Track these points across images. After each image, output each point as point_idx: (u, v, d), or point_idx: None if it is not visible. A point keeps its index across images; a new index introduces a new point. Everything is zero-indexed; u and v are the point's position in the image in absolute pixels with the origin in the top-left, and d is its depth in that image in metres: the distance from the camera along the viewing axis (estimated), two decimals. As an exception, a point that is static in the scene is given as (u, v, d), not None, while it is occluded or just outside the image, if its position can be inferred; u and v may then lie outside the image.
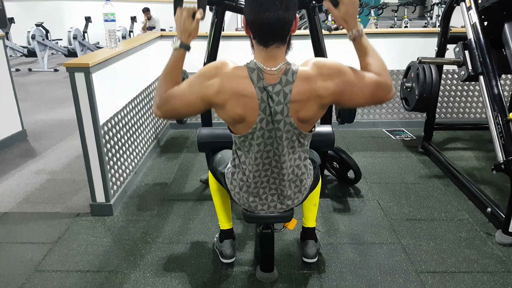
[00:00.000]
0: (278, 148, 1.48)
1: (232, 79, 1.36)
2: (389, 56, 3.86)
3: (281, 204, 1.63)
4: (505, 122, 2.31)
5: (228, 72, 1.37)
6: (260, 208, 1.64)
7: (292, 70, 1.36)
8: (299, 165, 1.56)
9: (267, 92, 1.37)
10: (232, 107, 1.38)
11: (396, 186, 2.88)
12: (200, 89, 1.38)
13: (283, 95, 1.36)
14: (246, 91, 1.36)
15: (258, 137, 1.45)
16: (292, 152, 1.52)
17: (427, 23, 10.41)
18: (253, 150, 1.49)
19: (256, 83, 1.36)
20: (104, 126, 2.44)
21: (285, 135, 1.45)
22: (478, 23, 2.63)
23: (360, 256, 2.12)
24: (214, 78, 1.37)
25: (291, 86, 1.36)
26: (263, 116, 1.40)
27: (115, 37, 2.63)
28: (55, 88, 6.03)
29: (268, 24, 1.30)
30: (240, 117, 1.40)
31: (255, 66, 1.37)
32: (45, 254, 2.17)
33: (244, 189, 1.60)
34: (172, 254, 2.16)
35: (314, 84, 1.36)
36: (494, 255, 2.12)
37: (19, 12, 9.64)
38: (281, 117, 1.40)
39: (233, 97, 1.37)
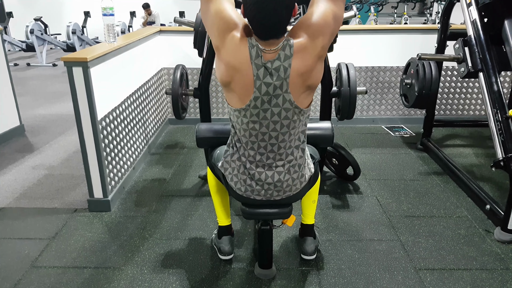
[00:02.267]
0: (276, 127, 1.47)
1: (233, 49, 1.38)
2: (389, 53, 3.87)
3: (278, 192, 1.61)
4: (504, 119, 2.30)
5: (234, 37, 1.38)
6: (257, 193, 1.61)
7: (288, 45, 1.37)
8: (298, 146, 1.55)
9: (266, 68, 1.37)
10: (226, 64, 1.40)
11: (395, 182, 2.88)
12: (227, 11, 1.40)
13: (283, 69, 1.38)
14: (241, 65, 1.38)
15: (253, 115, 1.45)
16: (292, 133, 1.51)
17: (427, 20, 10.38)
18: (246, 127, 1.49)
19: (253, 59, 1.37)
20: (102, 121, 2.42)
21: (284, 113, 1.45)
22: (478, 20, 2.61)
23: (359, 253, 2.12)
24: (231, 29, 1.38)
25: (290, 61, 1.37)
26: (258, 94, 1.41)
27: (113, 32, 2.61)
28: (53, 82, 6.01)
29: (268, 27, 1.33)
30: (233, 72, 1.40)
31: (255, 43, 1.37)
32: (42, 250, 2.16)
33: (242, 170, 1.58)
34: (170, 250, 2.15)
35: (310, 50, 1.38)
36: (493, 252, 2.12)
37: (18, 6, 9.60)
38: (280, 92, 1.41)
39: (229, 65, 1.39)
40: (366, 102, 4.06)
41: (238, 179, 1.61)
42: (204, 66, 2.55)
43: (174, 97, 2.56)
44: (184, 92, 2.69)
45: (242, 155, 1.56)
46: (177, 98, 2.56)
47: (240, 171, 1.59)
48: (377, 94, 4.02)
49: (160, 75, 3.79)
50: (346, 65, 2.51)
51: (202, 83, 2.61)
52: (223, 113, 4.11)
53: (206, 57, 2.53)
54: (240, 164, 1.58)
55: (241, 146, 1.55)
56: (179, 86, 2.59)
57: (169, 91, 2.60)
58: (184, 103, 2.75)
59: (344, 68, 2.50)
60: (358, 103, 3.98)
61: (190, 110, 4.04)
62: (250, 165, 1.56)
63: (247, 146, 1.54)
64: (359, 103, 4.01)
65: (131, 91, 2.96)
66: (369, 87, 3.98)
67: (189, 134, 3.86)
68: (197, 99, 2.71)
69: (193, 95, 2.65)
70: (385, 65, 3.91)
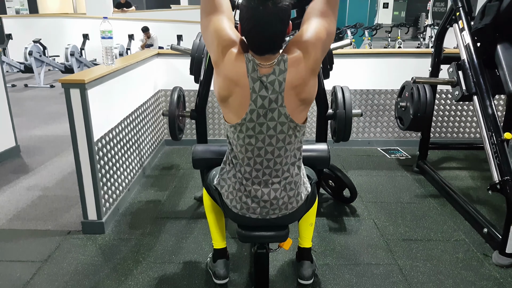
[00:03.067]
0: (272, 140, 1.48)
1: (231, 63, 1.41)
2: (383, 76, 3.92)
3: (274, 210, 1.58)
4: (499, 142, 2.31)
5: (232, 52, 1.41)
6: (252, 211, 1.58)
7: (283, 60, 1.40)
8: (294, 163, 1.55)
9: (262, 82, 1.40)
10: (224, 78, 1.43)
11: (392, 205, 2.86)
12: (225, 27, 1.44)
13: (278, 83, 1.40)
14: (239, 78, 1.40)
15: (249, 129, 1.46)
16: (288, 149, 1.51)
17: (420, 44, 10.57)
18: (242, 142, 1.49)
19: (250, 73, 1.40)
20: (98, 143, 2.42)
21: (279, 127, 1.45)
22: (471, 44, 2.66)
23: (357, 278, 2.09)
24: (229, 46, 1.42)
25: (284, 75, 1.40)
26: (254, 107, 1.42)
27: (111, 54, 2.64)
28: (50, 103, 6.02)
29: (263, 41, 1.37)
30: (232, 86, 1.42)
31: (251, 58, 1.40)
32: (34, 273, 2.12)
33: (237, 186, 1.57)
34: (164, 274, 2.11)
35: (303, 64, 1.41)
36: (492, 276, 2.09)
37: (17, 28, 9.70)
38: (276, 106, 1.42)
39: (227, 78, 1.42)
40: (361, 124, 4.08)
41: (233, 196, 1.60)
42: (201, 88, 2.57)
43: (171, 119, 2.57)
44: (181, 113, 2.70)
45: (238, 171, 1.56)
46: (174, 119, 2.57)
47: (236, 187, 1.58)
48: (373, 117, 4.05)
49: (158, 97, 3.81)
50: (341, 88, 2.54)
51: (199, 105, 2.62)
52: (219, 134, 4.12)
53: (203, 79, 2.55)
54: (236, 181, 1.57)
55: (238, 163, 1.55)
56: (176, 108, 2.60)
57: (166, 113, 2.60)
58: (180, 125, 2.76)
59: (339, 91, 2.52)
60: (353, 125, 4.00)
61: (186, 131, 4.04)
62: (246, 181, 1.55)
63: (243, 162, 1.53)
64: (354, 125, 4.03)
65: (128, 112, 2.97)
66: (364, 109, 4.01)
67: (185, 155, 3.86)
68: (194, 121, 2.72)
69: (190, 116, 2.66)
70: (380, 88, 3.95)
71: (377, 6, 13.02)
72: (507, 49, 2.56)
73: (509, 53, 2.54)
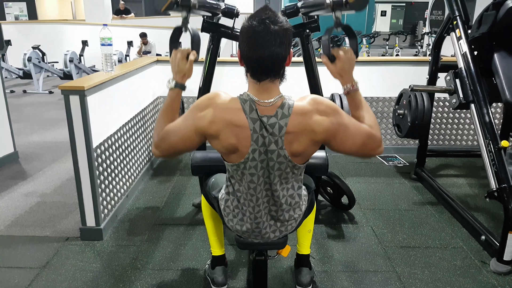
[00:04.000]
0: (270, 177, 1.47)
1: (224, 110, 1.37)
2: (381, 84, 3.94)
3: (274, 233, 1.61)
4: (497, 149, 2.33)
5: (220, 102, 1.38)
6: (254, 237, 1.61)
7: (288, 104, 1.37)
8: (293, 195, 1.55)
9: (262, 122, 1.36)
10: (225, 137, 1.38)
11: (390, 212, 2.87)
12: (194, 121, 1.39)
13: (278, 127, 1.37)
14: (238, 122, 1.36)
15: (251, 167, 1.44)
16: (285, 183, 1.50)
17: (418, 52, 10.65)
18: (246, 179, 1.48)
19: (248, 114, 1.36)
20: (97, 149, 2.42)
21: (277, 165, 1.44)
22: (468, 53, 2.69)
23: (355, 285, 2.09)
24: (206, 109, 1.38)
25: (286, 120, 1.36)
26: (256, 147, 1.40)
27: (111, 61, 2.65)
28: (49, 110, 6.02)
29: (262, 61, 1.32)
30: (233, 147, 1.40)
31: (247, 98, 1.37)
32: (32, 279, 2.11)
33: (240, 216, 1.58)
34: (163, 281, 2.11)
35: (309, 119, 1.36)
36: (489, 284, 2.10)
37: (16, 34, 9.72)
38: (275, 147, 1.40)
39: (226, 127, 1.37)
40: (360, 132, 4.09)
41: (233, 224, 1.62)
42: (200, 95, 2.58)
43: (170, 126, 2.57)
44: (180, 120, 2.70)
45: (240, 203, 1.56)
46: (172, 126, 2.57)
47: (238, 217, 1.59)
48: (371, 124, 4.06)
49: (156, 104, 3.82)
50: (339, 96, 2.55)
51: (198, 112, 2.62)
52: (218, 141, 4.12)
53: (202, 86, 2.56)
54: (238, 211, 1.58)
55: (241, 196, 1.54)
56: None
57: (165, 120, 2.61)
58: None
59: (337, 99, 2.54)
60: (352, 133, 4.00)
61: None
62: (249, 215, 1.56)
63: (246, 197, 1.52)
64: (353, 132, 4.04)
65: (127, 119, 2.98)
66: (362, 117, 4.02)
67: (183, 161, 3.86)
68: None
69: (189, 123, 2.66)
70: (378, 95, 3.97)
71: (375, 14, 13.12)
72: (504, 58, 2.58)
73: (506, 61, 2.57)
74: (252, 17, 1.33)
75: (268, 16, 1.31)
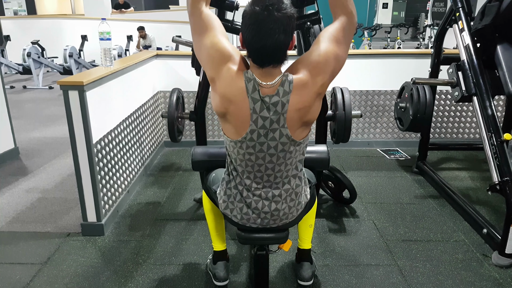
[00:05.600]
0: (272, 160, 1.46)
1: (228, 81, 1.37)
2: (383, 77, 3.92)
3: (275, 220, 1.59)
4: (499, 142, 2.31)
5: (230, 69, 1.38)
6: (253, 221, 1.59)
7: (288, 81, 1.36)
8: (295, 175, 1.54)
9: (264, 102, 1.36)
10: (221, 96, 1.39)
11: (392, 206, 2.86)
12: (221, 40, 1.40)
13: (281, 105, 1.37)
14: (237, 98, 1.37)
15: (249, 147, 1.44)
16: (289, 163, 1.50)
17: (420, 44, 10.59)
18: (242, 157, 1.48)
19: (250, 93, 1.36)
20: (97, 144, 2.41)
21: (281, 146, 1.44)
22: (471, 45, 2.66)
23: (356, 279, 2.08)
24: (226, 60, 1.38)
25: (288, 96, 1.36)
26: (254, 127, 1.40)
27: (110, 56, 2.64)
28: (49, 105, 6.01)
29: (265, 49, 1.31)
30: (228, 102, 1.39)
31: (252, 77, 1.36)
32: (33, 275, 2.12)
33: (238, 197, 1.57)
34: (164, 276, 2.11)
35: (310, 87, 1.38)
36: (491, 277, 2.09)
37: (15, 29, 9.68)
38: (277, 126, 1.40)
39: (224, 97, 1.38)
40: (361, 126, 4.08)
41: (234, 207, 1.60)
42: (200, 89, 2.57)
43: (170, 120, 2.57)
44: (180, 115, 2.70)
45: (238, 183, 1.55)
46: (173, 121, 2.57)
47: (237, 199, 1.57)
48: (372, 118, 4.05)
49: (156, 98, 3.81)
50: (341, 89, 2.54)
51: (198, 107, 2.62)
52: (218, 136, 4.12)
53: (202, 80, 2.55)
54: (237, 192, 1.57)
55: (237, 175, 1.54)
56: (175, 110, 2.59)
57: (165, 114, 2.60)
58: (180, 126, 2.76)
59: (339, 92, 2.52)
60: (353, 126, 4.00)
61: (185, 132, 4.04)
62: (247, 193, 1.54)
63: (243, 175, 1.52)
64: (354, 126, 4.03)
65: (127, 114, 2.96)
66: (364, 110, 4.01)
67: (184, 157, 3.85)
68: (193, 122, 2.72)
69: (189, 118, 2.65)
70: (380, 89, 3.95)
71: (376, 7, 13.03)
72: (507, 50, 2.56)
73: (509, 53, 2.55)
74: (255, 1, 1.30)
75: (272, 3, 1.28)
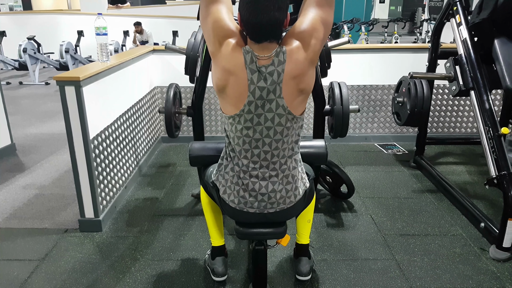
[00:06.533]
0: (270, 134, 1.48)
1: (228, 55, 1.42)
2: (380, 71, 3.91)
3: (272, 204, 1.57)
4: (496, 136, 2.32)
5: (230, 43, 1.43)
6: (250, 205, 1.58)
7: (282, 52, 1.41)
8: (291, 156, 1.55)
9: (260, 72, 1.41)
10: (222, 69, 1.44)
11: (389, 200, 2.87)
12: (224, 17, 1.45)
13: (276, 74, 1.41)
14: (236, 69, 1.41)
15: (247, 121, 1.46)
16: (286, 141, 1.51)
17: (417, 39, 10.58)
18: (240, 134, 1.50)
19: (248, 64, 1.41)
20: (94, 140, 2.40)
21: (277, 119, 1.46)
22: (468, 39, 2.66)
23: (354, 273, 2.09)
24: (227, 36, 1.44)
25: (283, 66, 1.41)
26: (252, 98, 1.43)
27: (106, 51, 2.62)
28: (45, 101, 5.98)
29: (261, 26, 1.37)
30: (229, 74, 1.43)
31: (249, 50, 1.41)
32: (31, 271, 2.11)
33: (235, 180, 1.57)
34: (162, 271, 2.11)
35: (302, 55, 1.42)
36: (489, 271, 2.10)
37: (11, 25, 9.62)
38: (274, 97, 1.43)
39: (224, 69, 1.43)
40: (358, 120, 4.08)
41: (231, 191, 1.59)
42: (198, 85, 2.56)
43: (167, 116, 2.56)
44: (177, 110, 2.69)
45: (236, 164, 1.55)
46: (170, 116, 2.56)
47: (234, 181, 1.57)
48: (370, 112, 4.05)
49: (153, 94, 3.79)
50: (338, 84, 2.53)
51: (196, 102, 2.61)
52: (216, 131, 4.11)
53: (200, 76, 2.54)
54: (233, 174, 1.57)
55: (235, 156, 1.55)
56: (172, 105, 2.58)
57: (162, 110, 2.59)
58: (177, 122, 2.75)
59: (336, 87, 2.52)
60: (350, 121, 4.00)
61: (183, 128, 4.03)
62: (244, 174, 1.55)
63: (240, 155, 1.53)
64: (351, 121, 4.03)
65: (124, 109, 2.95)
66: (361, 105, 4.01)
67: (182, 152, 3.84)
68: (190, 118, 2.71)
69: (186, 113, 2.65)
70: (377, 83, 3.94)
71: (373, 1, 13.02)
72: (504, 44, 2.56)
73: (506, 47, 2.54)
74: None
75: None
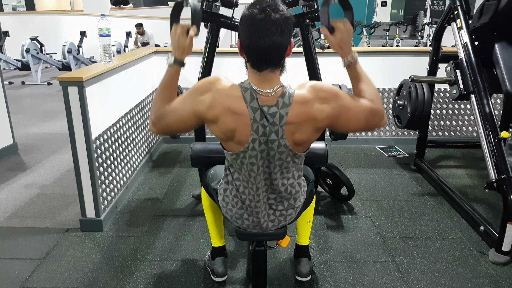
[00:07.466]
0: (270, 166, 1.47)
1: (225, 96, 1.36)
2: (381, 74, 3.92)
3: (273, 222, 1.61)
4: (496, 140, 2.33)
5: (221, 88, 1.37)
6: (253, 227, 1.61)
7: (288, 93, 1.36)
8: (293, 184, 1.55)
9: (262, 112, 1.36)
10: (224, 123, 1.38)
11: (389, 203, 2.88)
12: (193, 104, 1.38)
13: (279, 117, 1.36)
14: (238, 109, 1.35)
15: (251, 157, 1.44)
16: (285, 172, 1.50)
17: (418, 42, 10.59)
18: (245, 168, 1.48)
19: (249, 103, 1.35)
20: (96, 141, 2.42)
21: (278, 155, 1.44)
22: (469, 43, 2.67)
23: (354, 275, 2.10)
24: (206, 93, 1.37)
25: (287, 109, 1.36)
26: (256, 136, 1.39)
27: (109, 52, 2.64)
28: (47, 101, 6.00)
29: (262, 50, 1.31)
30: (232, 133, 1.39)
31: (248, 86, 1.36)
32: (32, 270, 2.12)
33: (239, 205, 1.58)
34: (163, 272, 2.12)
35: (310, 108, 1.36)
36: (488, 274, 2.11)
37: (14, 25, 9.65)
38: (276, 137, 1.40)
39: (225, 113, 1.36)
40: (359, 123, 4.08)
41: (233, 213, 1.61)
42: (200, 86, 2.56)
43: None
44: (179, 111, 2.69)
45: (241, 193, 1.55)
46: (172, 117, 2.56)
47: (238, 206, 1.58)
48: (371, 115, 4.05)
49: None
50: (339, 86, 2.54)
51: (197, 103, 2.61)
52: (217, 132, 4.11)
53: (201, 77, 2.55)
54: (237, 200, 1.57)
55: (241, 185, 1.54)
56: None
57: (164, 111, 2.59)
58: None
59: (338, 89, 2.53)
60: (351, 124, 4.00)
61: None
62: (249, 203, 1.55)
63: (246, 185, 1.52)
64: (352, 123, 4.03)
65: (126, 110, 2.97)
66: (362, 108, 4.01)
67: (183, 153, 3.86)
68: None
69: (188, 114, 2.65)
70: (378, 86, 3.93)
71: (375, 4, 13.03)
72: (505, 48, 2.57)
73: (507, 52, 2.56)
74: (253, 5, 1.31)
75: (269, 4, 1.29)
